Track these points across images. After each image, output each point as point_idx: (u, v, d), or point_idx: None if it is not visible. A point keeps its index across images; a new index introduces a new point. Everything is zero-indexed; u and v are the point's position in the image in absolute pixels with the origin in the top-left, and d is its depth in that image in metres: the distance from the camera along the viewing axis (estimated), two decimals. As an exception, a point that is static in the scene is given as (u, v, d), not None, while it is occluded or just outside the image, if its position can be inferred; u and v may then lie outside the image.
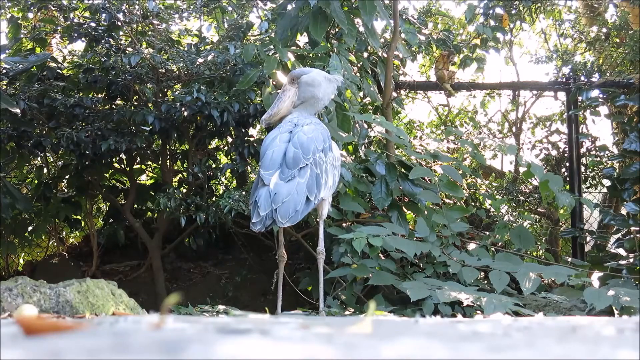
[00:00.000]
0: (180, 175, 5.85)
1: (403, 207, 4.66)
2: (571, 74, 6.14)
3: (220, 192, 5.54)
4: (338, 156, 3.25)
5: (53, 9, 5.50)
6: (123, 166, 5.66)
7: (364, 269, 4.14)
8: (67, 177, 5.77)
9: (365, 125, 5.18)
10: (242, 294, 5.67)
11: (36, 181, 5.89)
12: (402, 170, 4.55)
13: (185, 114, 4.78)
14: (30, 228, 5.88)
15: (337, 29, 5.01)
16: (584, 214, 5.90)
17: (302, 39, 5.30)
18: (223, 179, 5.86)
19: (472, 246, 4.75)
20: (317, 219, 3.35)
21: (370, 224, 4.36)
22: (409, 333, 1.13)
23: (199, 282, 5.89)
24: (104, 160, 5.22)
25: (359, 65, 5.19)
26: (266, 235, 5.37)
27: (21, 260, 6.55)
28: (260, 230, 2.80)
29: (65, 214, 5.62)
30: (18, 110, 4.54)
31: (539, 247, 6.28)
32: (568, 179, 6.04)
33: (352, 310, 4.18)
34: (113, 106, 5.25)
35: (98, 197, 6.12)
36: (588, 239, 5.83)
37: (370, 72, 5.30)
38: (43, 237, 6.38)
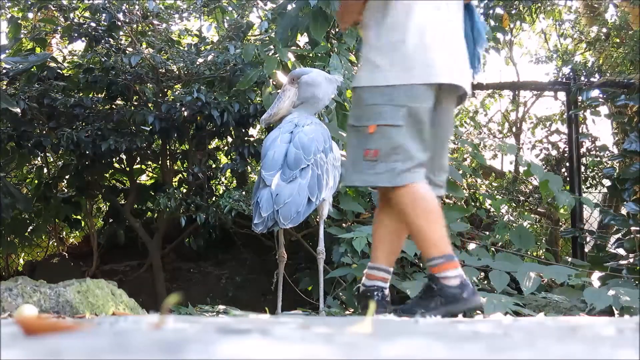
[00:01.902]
0: (180, 175, 5.85)
1: (403, 207, 4.64)
2: (571, 74, 6.13)
3: (220, 192, 5.54)
4: (338, 156, 3.25)
5: (53, 9, 5.49)
6: (123, 166, 5.66)
7: (364, 269, 4.13)
8: (67, 177, 5.77)
9: (366, 125, 5.16)
10: (242, 294, 5.66)
11: (36, 181, 5.88)
12: (402, 170, 4.54)
13: (185, 114, 4.78)
14: (30, 228, 5.87)
15: (337, 29, 5.00)
16: (584, 214, 5.89)
17: (302, 39, 5.29)
18: (223, 179, 5.86)
19: (472, 246, 4.75)
20: (318, 219, 3.34)
21: (370, 223, 4.35)
22: (409, 333, 1.13)
23: (199, 282, 5.88)
24: (104, 160, 5.22)
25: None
26: (266, 236, 5.36)
27: (21, 260, 6.55)
28: (262, 232, 2.81)
29: (65, 214, 5.62)
30: (18, 110, 4.53)
31: (539, 247, 6.27)
32: (568, 179, 6.02)
33: (352, 310, 4.17)
34: (113, 106, 5.25)
35: (98, 197, 6.11)
36: (588, 239, 5.82)
37: (370, 72, 5.28)
38: (43, 237, 6.38)
